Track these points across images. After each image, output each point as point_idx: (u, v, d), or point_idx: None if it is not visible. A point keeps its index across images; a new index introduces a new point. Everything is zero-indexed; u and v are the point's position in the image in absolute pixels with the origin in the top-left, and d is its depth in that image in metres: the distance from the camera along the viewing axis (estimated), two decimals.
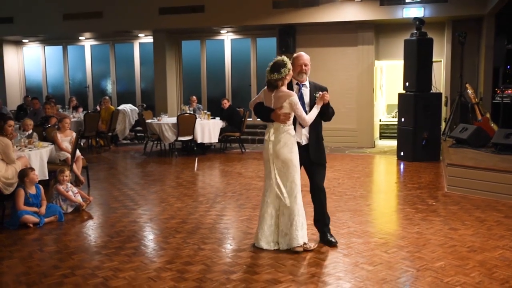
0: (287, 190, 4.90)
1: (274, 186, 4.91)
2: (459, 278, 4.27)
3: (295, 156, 4.92)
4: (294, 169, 4.91)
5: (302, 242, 4.90)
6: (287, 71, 4.79)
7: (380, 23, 12.10)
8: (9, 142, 6.32)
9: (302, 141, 5.06)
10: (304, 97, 5.03)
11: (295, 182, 4.92)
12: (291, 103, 4.78)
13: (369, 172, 9.62)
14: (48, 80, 16.75)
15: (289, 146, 4.89)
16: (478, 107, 10.11)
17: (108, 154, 12.11)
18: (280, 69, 4.78)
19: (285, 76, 4.81)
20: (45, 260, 4.86)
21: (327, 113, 5.12)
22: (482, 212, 6.45)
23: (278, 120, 4.87)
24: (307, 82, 5.07)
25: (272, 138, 4.91)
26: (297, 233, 4.88)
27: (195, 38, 14.53)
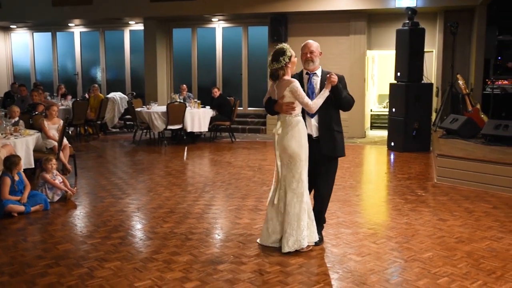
0: (293, 187, 4.58)
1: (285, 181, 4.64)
2: (447, 269, 4.26)
3: (304, 150, 4.59)
4: (301, 164, 4.57)
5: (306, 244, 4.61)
6: (287, 59, 4.55)
7: (372, 12, 12.03)
8: None
9: (313, 133, 4.72)
10: (315, 86, 4.74)
11: (302, 179, 4.59)
12: (292, 90, 4.49)
13: (359, 162, 9.59)
14: (37, 67, 16.55)
15: (297, 139, 4.56)
16: (469, 98, 10.10)
17: (97, 143, 12.00)
18: (279, 57, 4.55)
19: (286, 64, 4.56)
20: (29, 250, 4.79)
21: (340, 99, 4.69)
22: (471, 203, 6.44)
23: (281, 111, 4.60)
24: (319, 71, 4.78)
25: (279, 132, 4.62)
26: (306, 233, 4.58)
27: (186, 26, 14.38)
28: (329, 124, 4.73)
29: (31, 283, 4.00)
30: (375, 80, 14.70)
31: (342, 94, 4.70)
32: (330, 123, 4.73)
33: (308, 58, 4.74)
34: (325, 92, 4.60)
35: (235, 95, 12.85)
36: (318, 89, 4.73)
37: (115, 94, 13.72)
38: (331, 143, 4.74)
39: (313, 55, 4.72)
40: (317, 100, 4.57)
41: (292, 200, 4.58)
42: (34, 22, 15.48)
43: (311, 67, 4.75)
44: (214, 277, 4.11)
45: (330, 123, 4.73)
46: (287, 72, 4.63)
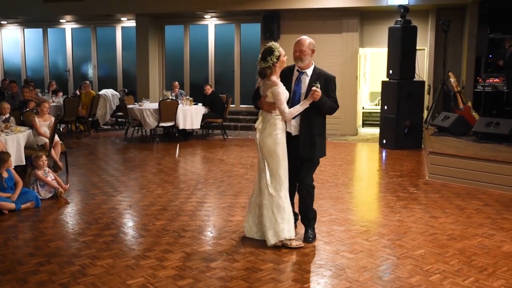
0: (270, 183, 4.64)
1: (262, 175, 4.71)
2: (439, 266, 4.28)
3: (281, 147, 4.63)
4: (277, 160, 4.62)
5: (287, 237, 4.64)
6: (274, 59, 4.54)
7: (365, 10, 12.04)
8: None
9: (291, 131, 4.74)
10: (302, 85, 4.71)
11: (279, 175, 4.63)
12: (273, 93, 4.54)
13: (351, 159, 9.61)
14: (27, 63, 16.42)
15: (274, 136, 4.61)
16: (460, 95, 10.14)
17: (88, 140, 11.94)
18: (267, 57, 4.55)
19: (273, 64, 4.55)
20: (20, 248, 4.76)
21: (321, 109, 4.68)
22: (462, 200, 6.48)
23: (263, 108, 4.68)
24: (310, 70, 4.71)
25: (259, 126, 4.70)
26: (283, 226, 4.62)
27: (179, 23, 14.32)
28: (308, 127, 4.70)
29: (22, 281, 3.97)
30: (367, 77, 14.73)
31: (324, 106, 4.65)
32: (310, 126, 4.70)
33: (297, 57, 4.69)
34: (305, 104, 4.59)
35: (227, 93, 12.83)
36: (305, 89, 4.69)
37: (107, 91, 13.64)
38: (308, 145, 4.71)
39: (302, 54, 4.65)
40: (293, 110, 4.58)
41: (269, 195, 4.66)
42: (25, 18, 15.36)
43: (300, 65, 4.71)
44: (207, 274, 4.10)
45: (310, 126, 4.70)
46: (275, 71, 4.61)
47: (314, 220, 5.01)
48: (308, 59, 4.68)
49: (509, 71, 9.82)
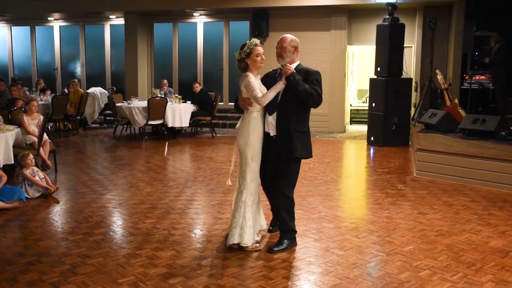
0: (239, 183, 4.59)
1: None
2: (428, 262, 4.33)
3: (251, 149, 4.49)
4: (246, 162, 4.51)
5: (235, 242, 4.51)
6: (243, 54, 4.45)
7: (353, 7, 12.10)
8: None
9: (270, 131, 4.56)
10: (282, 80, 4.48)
11: (245, 177, 4.52)
12: (245, 84, 4.44)
13: (340, 157, 9.67)
14: (15, 61, 16.30)
15: (245, 136, 4.50)
16: (447, 92, 10.24)
17: (77, 138, 11.88)
18: (238, 51, 4.53)
19: (243, 59, 4.47)
20: (10, 248, 4.73)
21: (296, 92, 4.35)
22: (450, 196, 6.55)
23: (240, 105, 4.60)
24: (292, 66, 4.48)
25: (238, 126, 4.65)
26: (234, 231, 4.51)
27: (168, 21, 14.29)
28: (286, 123, 4.46)
29: (12, 281, 3.96)
30: (355, 75, 14.80)
31: (299, 87, 4.34)
32: (288, 122, 4.46)
33: (278, 54, 4.52)
34: (279, 85, 4.40)
35: (216, 90, 12.83)
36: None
37: (95, 89, 13.57)
38: (287, 143, 4.46)
39: (283, 51, 4.48)
40: (268, 92, 4.40)
41: (237, 195, 4.61)
42: (13, 16, 15.23)
43: (281, 63, 4.51)
44: (197, 272, 4.11)
45: (288, 122, 4.46)
46: (249, 67, 4.51)
47: (287, 234, 4.62)
48: (289, 56, 4.49)
49: (494, 68, 9.94)
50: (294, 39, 4.57)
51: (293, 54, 4.54)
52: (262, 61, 4.55)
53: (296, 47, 4.56)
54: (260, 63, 4.54)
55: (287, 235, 4.63)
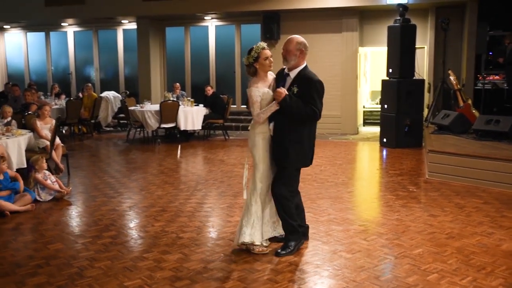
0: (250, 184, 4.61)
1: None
2: (437, 265, 4.28)
3: (258, 150, 4.51)
4: (254, 163, 4.55)
5: (247, 241, 4.51)
6: (251, 59, 4.46)
7: (364, 9, 12.04)
8: None
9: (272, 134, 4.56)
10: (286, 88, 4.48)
11: (254, 179, 4.54)
12: (248, 95, 4.50)
13: (352, 159, 9.61)
14: (31, 66, 16.50)
15: (252, 138, 4.54)
16: (460, 93, 10.13)
17: (91, 142, 11.99)
18: (246, 56, 4.53)
19: (251, 63, 4.48)
20: (20, 250, 4.79)
21: (289, 113, 4.35)
22: (462, 198, 6.47)
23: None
24: (294, 72, 4.48)
25: (249, 128, 4.69)
26: (245, 229, 4.51)
27: (179, 25, 14.36)
28: (281, 132, 4.45)
29: (20, 283, 4.00)
30: (368, 76, 14.72)
31: (292, 110, 4.33)
32: (283, 131, 4.44)
33: (283, 56, 4.50)
34: (272, 107, 4.40)
35: (228, 93, 12.85)
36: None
37: (109, 93, 13.70)
38: (281, 153, 4.48)
39: (288, 54, 4.44)
40: (261, 113, 4.43)
41: (249, 196, 4.62)
42: (28, 22, 15.43)
43: (285, 65, 4.52)
44: (204, 275, 4.12)
45: (283, 131, 4.44)
46: (258, 71, 4.49)
47: (291, 235, 4.60)
48: (293, 59, 4.44)
49: (509, 68, 9.80)
50: (300, 42, 4.49)
51: (298, 58, 4.47)
52: (271, 64, 4.52)
53: (302, 50, 4.48)
54: (269, 66, 4.52)
55: (291, 235, 4.61)
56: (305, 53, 4.52)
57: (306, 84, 4.39)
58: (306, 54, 4.52)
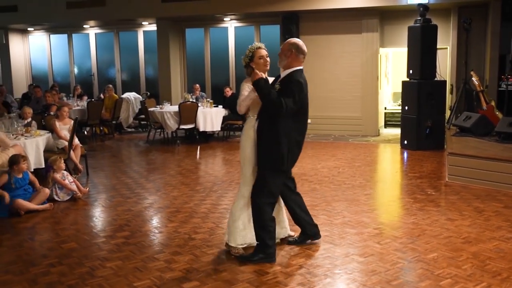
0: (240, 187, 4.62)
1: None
2: (451, 270, 4.18)
3: (242, 152, 4.50)
4: (244, 164, 4.50)
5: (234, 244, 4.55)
6: (247, 59, 4.48)
7: (384, 9, 11.90)
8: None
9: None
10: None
11: (244, 180, 4.51)
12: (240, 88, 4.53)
13: (371, 161, 9.49)
14: (54, 68, 16.74)
15: (243, 139, 4.53)
16: (483, 95, 9.92)
17: (112, 142, 12.10)
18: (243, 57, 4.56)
19: (247, 64, 4.48)
20: (35, 249, 4.85)
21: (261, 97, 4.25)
22: (482, 202, 6.33)
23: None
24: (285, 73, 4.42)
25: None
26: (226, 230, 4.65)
27: (199, 26, 14.41)
28: (260, 131, 4.37)
29: (32, 282, 4.05)
30: (390, 78, 14.55)
31: (262, 92, 4.22)
32: (261, 130, 4.37)
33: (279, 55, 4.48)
34: (251, 93, 4.37)
35: None
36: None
37: (130, 94, 13.83)
38: (258, 150, 4.41)
39: (281, 53, 4.41)
40: (242, 101, 4.43)
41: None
42: (50, 24, 15.67)
43: (278, 65, 4.48)
44: (213, 277, 4.10)
45: (261, 130, 4.37)
46: (250, 72, 4.40)
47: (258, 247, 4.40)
48: (284, 59, 4.37)
49: None
50: (293, 43, 4.39)
51: (288, 58, 4.36)
52: (266, 63, 4.47)
53: (293, 51, 4.34)
54: (264, 66, 4.46)
55: (259, 247, 4.41)
56: (298, 56, 4.37)
57: (287, 82, 4.33)
58: (299, 57, 4.38)
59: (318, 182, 7.53)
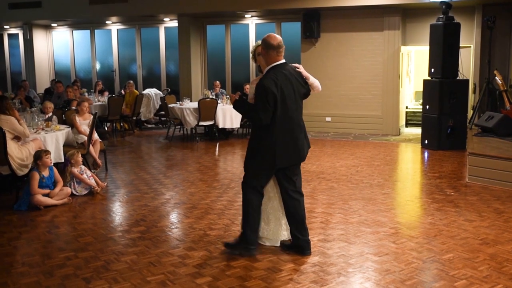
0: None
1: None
2: (466, 272, 4.12)
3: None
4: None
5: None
6: (252, 58, 4.61)
7: (406, 7, 11.76)
8: (11, 117, 6.41)
9: None
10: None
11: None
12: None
13: (390, 160, 9.40)
14: (76, 64, 16.96)
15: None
16: (506, 94, 9.74)
17: (131, 138, 12.21)
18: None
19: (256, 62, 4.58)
20: (52, 242, 4.92)
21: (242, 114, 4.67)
22: (502, 203, 6.22)
23: None
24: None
25: None
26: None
27: (220, 23, 14.43)
28: (252, 136, 4.52)
29: (48, 274, 4.10)
30: (412, 76, 14.37)
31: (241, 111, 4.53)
32: (253, 136, 4.49)
33: None
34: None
35: None
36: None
37: (150, 90, 13.94)
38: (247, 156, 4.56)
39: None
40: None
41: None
42: (74, 20, 15.86)
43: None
44: (226, 273, 4.11)
45: (253, 136, 4.49)
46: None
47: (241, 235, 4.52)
48: (261, 61, 4.45)
49: None
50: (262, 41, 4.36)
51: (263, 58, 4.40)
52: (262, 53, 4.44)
53: (263, 50, 4.32)
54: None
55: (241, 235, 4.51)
56: (267, 51, 4.30)
57: (255, 90, 4.27)
58: (269, 52, 4.30)
59: (336, 180, 7.48)
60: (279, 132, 4.30)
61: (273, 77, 4.23)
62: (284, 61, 4.38)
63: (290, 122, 4.34)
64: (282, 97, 4.25)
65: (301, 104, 4.48)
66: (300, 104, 4.47)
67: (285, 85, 4.27)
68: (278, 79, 4.23)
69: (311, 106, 12.22)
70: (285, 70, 4.34)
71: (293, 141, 4.38)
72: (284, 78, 4.28)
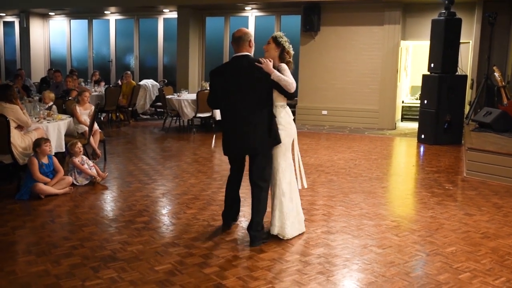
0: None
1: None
2: (469, 264, 4.18)
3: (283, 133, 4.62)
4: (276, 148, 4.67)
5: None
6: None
7: (408, 2, 11.80)
8: (16, 106, 6.39)
9: None
10: None
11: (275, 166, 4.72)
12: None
13: (387, 154, 9.46)
14: (73, 53, 16.88)
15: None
16: (505, 90, 9.83)
17: (127, 129, 12.19)
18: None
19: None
20: (56, 231, 4.93)
21: None
22: (500, 198, 6.29)
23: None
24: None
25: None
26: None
27: (219, 15, 14.40)
28: None
29: (55, 263, 4.11)
30: (408, 71, 14.43)
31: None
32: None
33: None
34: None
35: None
36: None
37: (147, 81, 13.88)
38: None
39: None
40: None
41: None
42: (72, 10, 15.76)
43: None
44: (233, 263, 4.14)
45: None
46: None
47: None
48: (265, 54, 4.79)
49: None
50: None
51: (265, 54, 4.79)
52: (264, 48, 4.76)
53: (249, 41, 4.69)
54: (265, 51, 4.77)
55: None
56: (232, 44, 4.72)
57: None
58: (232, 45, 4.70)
59: (335, 173, 7.53)
60: (224, 121, 4.69)
61: (221, 68, 4.65)
62: (244, 54, 4.56)
63: (232, 113, 4.55)
64: (225, 87, 4.52)
65: (253, 97, 4.48)
66: (252, 97, 4.48)
67: (231, 76, 4.51)
68: (225, 70, 4.59)
69: (307, 99, 12.25)
70: (237, 62, 4.53)
71: (233, 132, 4.62)
72: (232, 69, 4.55)
